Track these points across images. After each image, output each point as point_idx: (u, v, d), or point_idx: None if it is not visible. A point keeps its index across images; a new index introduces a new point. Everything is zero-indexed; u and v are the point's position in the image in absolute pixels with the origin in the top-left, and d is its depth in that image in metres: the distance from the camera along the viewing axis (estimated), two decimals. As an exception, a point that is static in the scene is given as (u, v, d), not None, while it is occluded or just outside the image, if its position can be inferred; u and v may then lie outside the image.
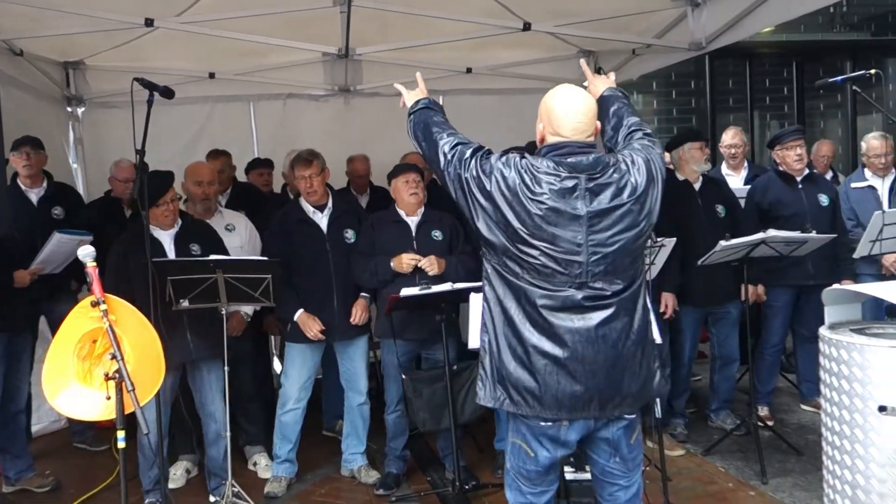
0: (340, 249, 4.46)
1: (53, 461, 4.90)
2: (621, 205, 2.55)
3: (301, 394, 4.54)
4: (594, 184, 2.54)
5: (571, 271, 2.52)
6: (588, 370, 2.54)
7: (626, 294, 2.59)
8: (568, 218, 2.52)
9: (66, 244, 4.40)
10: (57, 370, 2.82)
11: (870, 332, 3.36)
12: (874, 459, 3.18)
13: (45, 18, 4.85)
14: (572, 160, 2.56)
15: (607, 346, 2.55)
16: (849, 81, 4.49)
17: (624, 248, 2.56)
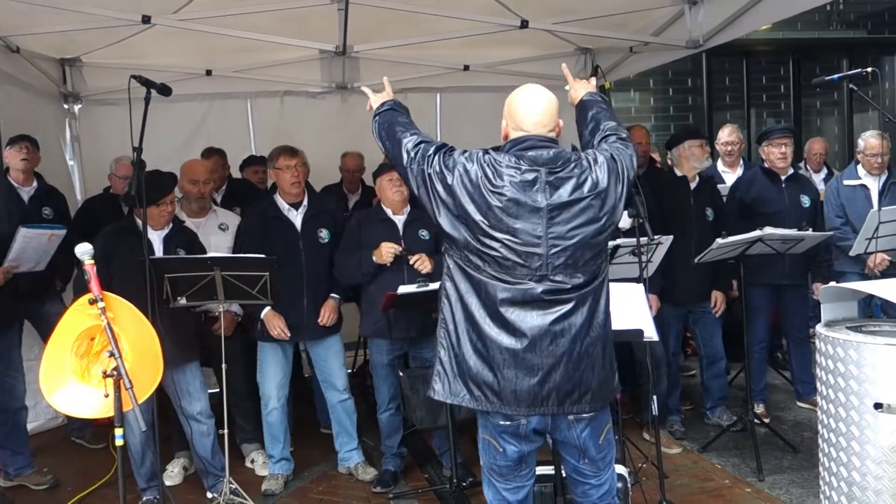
0: (313, 249, 4.44)
1: (51, 458, 4.89)
2: (581, 199, 2.59)
3: (279, 392, 4.53)
4: (554, 177, 2.59)
5: (531, 263, 2.56)
6: (546, 364, 2.57)
7: (587, 289, 2.62)
8: (528, 210, 2.56)
9: (34, 239, 4.34)
10: (55, 368, 2.82)
11: (866, 330, 3.37)
12: (870, 456, 3.19)
13: (42, 15, 4.83)
14: (533, 154, 2.62)
15: (566, 341, 2.59)
16: (845, 79, 4.49)
17: (584, 241, 2.59)
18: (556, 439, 2.78)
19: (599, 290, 2.67)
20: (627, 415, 5.16)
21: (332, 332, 4.58)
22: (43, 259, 4.49)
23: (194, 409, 4.23)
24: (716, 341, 5.13)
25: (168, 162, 5.60)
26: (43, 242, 4.39)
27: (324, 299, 4.48)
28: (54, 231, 4.40)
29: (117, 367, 2.67)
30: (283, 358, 4.55)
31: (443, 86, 7.04)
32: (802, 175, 5.64)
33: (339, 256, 4.42)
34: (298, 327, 4.44)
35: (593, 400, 2.66)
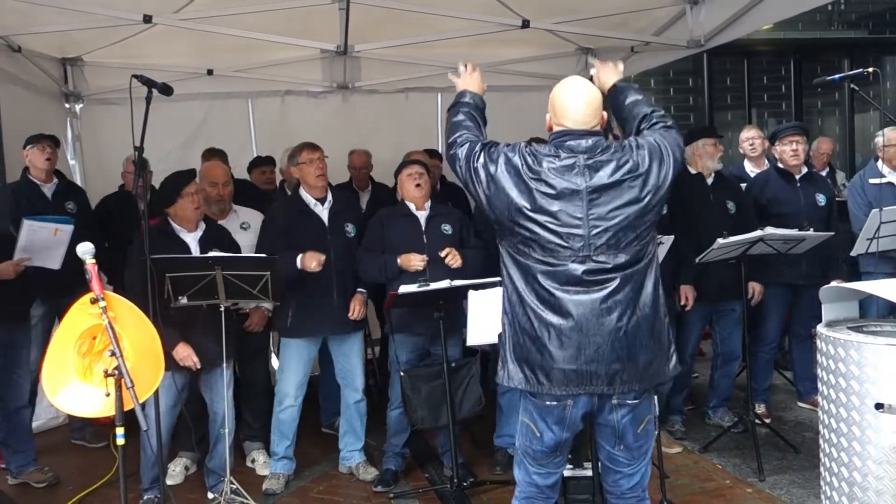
0: (341, 243, 4.45)
1: (52, 457, 4.89)
2: (621, 180, 2.66)
3: (298, 391, 4.53)
4: (593, 161, 2.68)
5: (573, 244, 2.64)
6: (594, 343, 2.64)
7: (632, 269, 2.68)
8: (568, 193, 2.65)
9: (38, 231, 4.30)
10: (57, 367, 2.82)
11: (867, 330, 3.36)
12: (871, 457, 3.18)
13: (44, 15, 4.84)
14: (572, 143, 2.70)
15: (612, 319, 2.64)
16: (847, 79, 4.48)
17: (626, 223, 2.66)
18: (596, 423, 2.82)
19: (645, 270, 2.73)
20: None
21: (357, 328, 4.60)
22: (54, 255, 4.41)
23: (223, 407, 4.21)
24: (734, 340, 5.10)
25: (169, 161, 5.63)
26: (49, 236, 4.34)
27: (352, 294, 4.49)
28: (59, 226, 4.36)
29: (118, 367, 2.67)
30: (307, 356, 4.54)
31: (444, 85, 6.97)
32: (817, 174, 5.60)
33: (362, 255, 4.42)
34: (327, 321, 4.44)
35: (641, 380, 2.71)
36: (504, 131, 6.52)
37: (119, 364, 2.66)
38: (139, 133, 3.59)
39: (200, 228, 4.21)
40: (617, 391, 2.69)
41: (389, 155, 5.81)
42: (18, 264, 4.27)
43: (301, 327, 4.44)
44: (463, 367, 4.32)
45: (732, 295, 4.92)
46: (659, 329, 2.75)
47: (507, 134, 6.26)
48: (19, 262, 4.27)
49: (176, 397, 4.07)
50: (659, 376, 2.80)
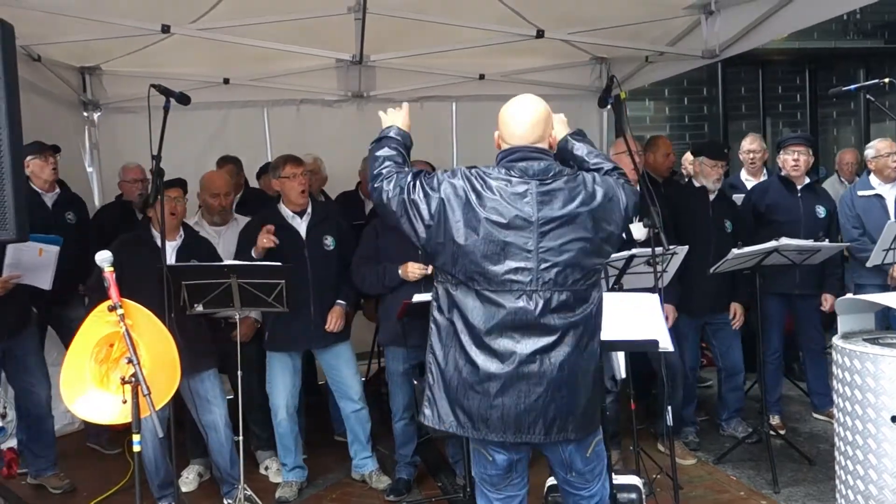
0: (319, 256, 4.44)
1: (68, 463, 4.92)
2: (574, 214, 2.56)
3: (289, 401, 4.52)
4: (546, 188, 2.56)
5: (521, 278, 2.52)
6: (534, 391, 2.54)
7: (578, 312, 2.58)
8: (518, 223, 2.53)
9: (23, 250, 4.21)
10: (74, 374, 2.85)
11: (883, 342, 3.35)
12: (887, 469, 3.17)
13: (63, 24, 4.89)
14: (523, 164, 2.59)
15: (553, 366, 2.55)
16: (862, 90, 4.48)
17: (575, 260, 2.55)
18: (543, 452, 2.80)
19: (591, 317, 2.62)
20: (642, 425, 5.14)
21: (340, 340, 4.58)
22: (42, 276, 4.35)
23: (213, 418, 4.23)
24: (734, 354, 5.10)
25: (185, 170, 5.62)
26: (34, 257, 4.27)
27: (330, 306, 4.49)
28: (43, 246, 4.29)
29: (135, 374, 2.70)
30: (291, 368, 4.54)
31: (458, 94, 7.06)
32: (820, 186, 5.61)
33: (358, 265, 4.41)
34: (306, 336, 4.45)
35: (577, 429, 2.64)
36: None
37: (136, 371, 2.68)
38: (157, 141, 3.62)
39: (179, 238, 4.22)
40: (553, 440, 2.62)
41: (404, 163, 5.82)
42: (7, 281, 4.23)
43: (280, 340, 4.46)
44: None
45: (722, 307, 4.95)
46: (599, 375, 2.70)
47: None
48: (8, 279, 4.23)
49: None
50: (596, 423, 2.75)
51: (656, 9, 5.39)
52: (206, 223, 4.86)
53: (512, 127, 2.68)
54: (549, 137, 2.71)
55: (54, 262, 4.35)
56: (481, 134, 7.00)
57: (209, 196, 4.76)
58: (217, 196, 4.75)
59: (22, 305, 4.48)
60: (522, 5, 5.23)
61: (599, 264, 2.65)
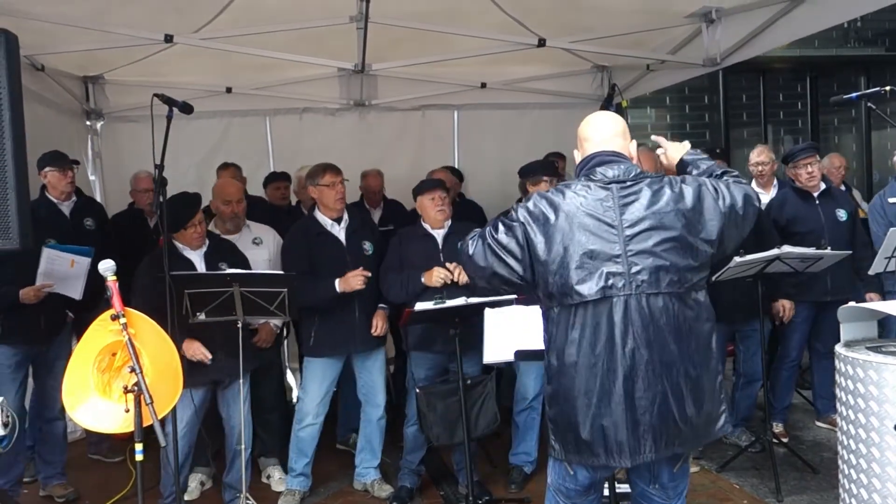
0: (360, 261, 4.46)
1: (70, 472, 4.90)
2: (661, 214, 2.53)
3: (319, 409, 4.54)
4: (626, 192, 2.55)
5: (614, 282, 2.49)
6: (640, 404, 2.49)
7: (680, 313, 2.52)
8: (604, 228, 2.52)
9: (56, 260, 4.30)
10: (77, 383, 2.86)
11: (886, 350, 3.34)
12: (891, 478, 3.16)
13: (67, 34, 4.91)
14: (602, 169, 2.59)
15: (661, 371, 2.50)
16: (863, 98, 4.47)
17: (667, 261, 2.51)
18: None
19: (697, 316, 2.56)
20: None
21: (379, 345, 4.61)
22: (74, 285, 4.40)
23: (239, 422, 4.20)
24: (757, 361, 5.03)
25: (188, 178, 5.70)
26: (66, 267, 4.35)
27: (373, 310, 4.51)
28: (75, 258, 4.34)
29: (138, 383, 2.70)
30: (330, 375, 4.55)
31: (460, 103, 7.09)
32: (836, 189, 5.57)
33: (384, 274, 4.44)
34: (351, 340, 4.46)
35: (690, 440, 2.57)
36: (520, 148, 6.64)
37: (139, 380, 2.68)
38: (159, 150, 3.64)
39: (205, 244, 4.25)
40: (662, 455, 2.55)
41: (406, 172, 5.86)
42: (39, 290, 4.29)
43: (324, 346, 4.46)
44: (479, 384, 4.31)
45: (753, 315, 4.89)
46: (711, 379, 2.59)
47: (524, 150, 6.37)
48: (41, 287, 4.29)
49: (194, 414, 4.10)
50: (711, 434, 2.64)
51: (658, 17, 5.40)
52: (220, 231, 4.87)
53: (591, 135, 2.69)
54: (628, 150, 2.70)
55: (86, 273, 4.39)
56: (483, 142, 7.13)
57: (221, 203, 4.77)
58: (229, 203, 4.77)
59: (55, 312, 4.51)
60: (524, 14, 5.25)
61: (697, 266, 2.57)
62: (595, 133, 2.69)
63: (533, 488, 4.60)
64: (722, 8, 5.17)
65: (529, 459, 4.77)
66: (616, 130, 2.70)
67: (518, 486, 4.65)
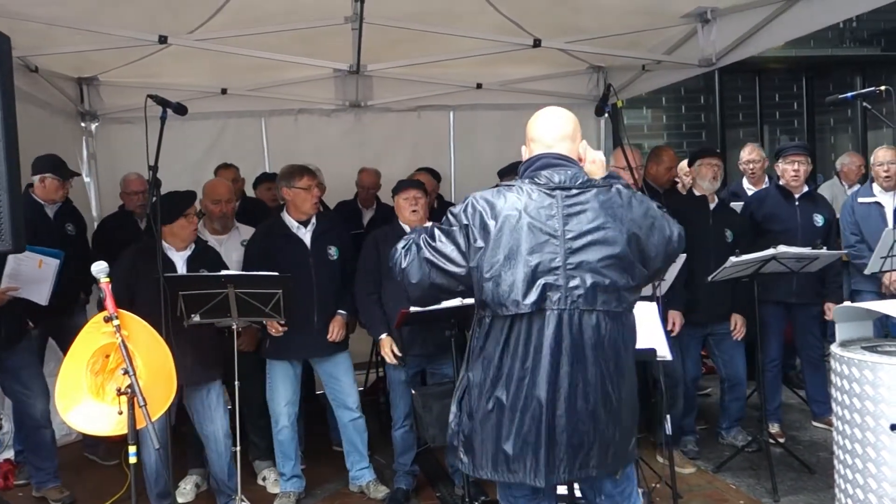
0: (323, 266, 4.46)
1: (65, 474, 4.89)
2: (601, 227, 2.44)
3: (289, 409, 4.53)
4: (572, 201, 2.46)
5: (551, 296, 2.41)
6: (563, 421, 2.45)
7: (609, 328, 2.46)
8: (545, 237, 2.43)
9: (24, 261, 4.19)
10: (70, 386, 2.85)
11: (881, 350, 3.34)
12: (886, 478, 3.16)
13: (61, 35, 4.89)
14: (547, 173, 2.50)
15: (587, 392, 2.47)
16: (859, 98, 4.48)
17: (606, 278, 2.43)
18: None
19: (624, 338, 2.51)
20: (641, 434, 5.13)
21: (340, 349, 4.58)
22: (40, 290, 4.33)
23: (214, 428, 4.22)
24: (737, 364, 5.08)
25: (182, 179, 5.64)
26: (33, 268, 4.26)
27: (332, 316, 4.49)
28: (44, 258, 4.28)
29: (131, 385, 2.69)
30: (292, 376, 4.55)
31: (456, 103, 7.08)
32: (818, 194, 5.61)
33: (363, 284, 4.43)
34: (309, 344, 4.45)
35: (602, 465, 2.52)
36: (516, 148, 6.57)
37: (132, 382, 2.67)
38: (154, 152, 3.63)
39: (189, 248, 4.22)
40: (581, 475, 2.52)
41: (401, 173, 5.84)
42: (4, 293, 4.22)
43: (281, 350, 4.45)
44: (474, 385, 4.30)
45: (723, 317, 4.94)
46: (630, 400, 2.57)
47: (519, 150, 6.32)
48: (6, 290, 4.22)
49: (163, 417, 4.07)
50: (629, 457, 2.61)
51: (653, 18, 5.39)
52: (208, 231, 4.87)
53: (539, 135, 2.59)
54: (577, 153, 2.61)
55: (53, 276, 4.32)
56: (479, 143, 7.11)
57: (210, 202, 4.76)
58: (219, 203, 4.76)
59: (16, 319, 4.45)
60: (519, 15, 5.24)
61: (633, 286, 2.50)
62: (544, 133, 2.59)
63: (529, 489, 4.59)
64: (717, 8, 5.17)
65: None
66: (566, 132, 2.59)
67: (514, 487, 4.64)
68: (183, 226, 4.11)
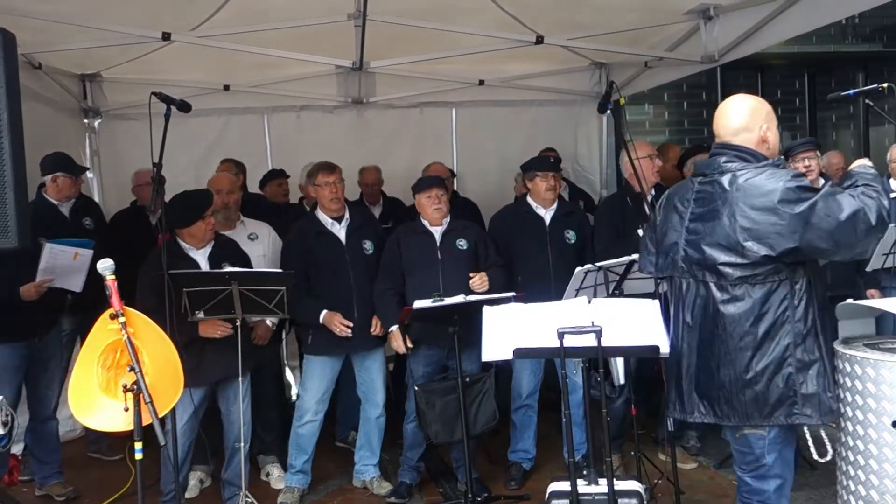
0: (359, 261, 4.48)
1: (69, 470, 4.92)
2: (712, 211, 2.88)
3: (319, 406, 4.55)
4: (700, 187, 2.96)
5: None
6: None
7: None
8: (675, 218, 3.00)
9: (59, 255, 4.34)
10: (82, 384, 2.86)
11: (883, 347, 3.35)
12: (888, 475, 3.16)
13: (64, 32, 4.91)
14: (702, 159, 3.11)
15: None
16: (861, 95, 4.48)
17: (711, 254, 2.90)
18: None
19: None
20: (643, 430, 5.14)
21: (379, 345, 4.62)
22: (76, 278, 4.45)
23: (239, 415, 4.22)
24: None
25: (186, 176, 5.69)
26: (69, 260, 4.39)
27: (372, 310, 4.51)
28: (79, 250, 4.40)
29: (137, 382, 2.70)
30: (329, 372, 4.57)
31: (458, 100, 7.08)
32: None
33: (382, 280, 4.47)
34: (349, 340, 4.46)
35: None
36: (518, 145, 6.64)
37: (138, 379, 2.69)
38: (157, 148, 3.63)
39: (209, 245, 4.24)
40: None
41: (404, 169, 5.85)
42: (40, 286, 4.30)
43: (323, 345, 4.48)
44: (477, 381, 4.32)
45: None
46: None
47: (522, 147, 6.36)
48: (41, 283, 4.31)
49: (193, 414, 4.10)
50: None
51: (655, 14, 5.40)
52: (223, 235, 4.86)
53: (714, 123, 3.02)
54: (751, 133, 2.94)
55: (87, 265, 4.42)
56: (481, 139, 7.12)
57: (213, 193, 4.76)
58: (220, 193, 4.76)
59: (49, 309, 4.51)
60: (522, 11, 5.24)
61: (741, 263, 2.83)
62: (715, 121, 3.04)
63: (532, 485, 4.62)
64: (720, 5, 5.17)
65: (528, 457, 4.78)
66: (731, 115, 3.03)
67: (517, 483, 4.66)
68: (200, 228, 4.14)
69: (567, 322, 2.97)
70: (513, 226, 4.78)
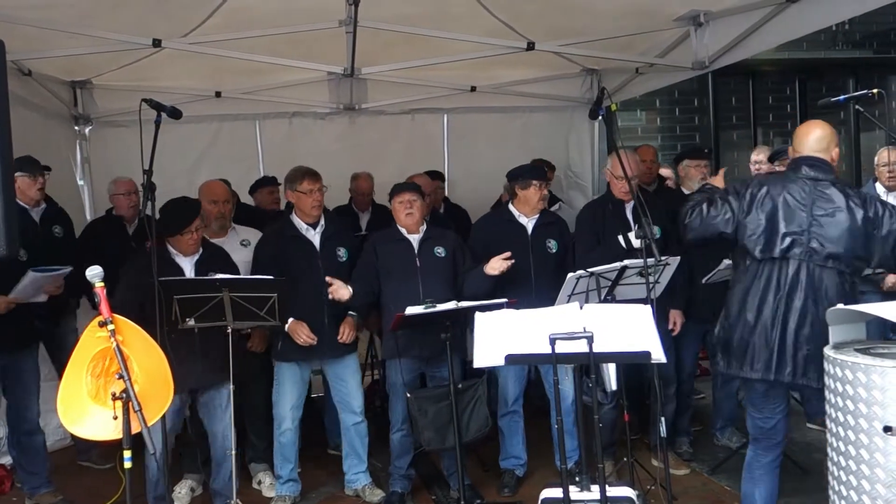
0: (332, 267, 4.46)
1: (59, 478, 4.88)
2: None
3: (294, 413, 4.54)
4: (818, 191, 3.41)
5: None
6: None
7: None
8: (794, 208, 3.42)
9: (41, 280, 4.33)
10: (72, 393, 2.83)
11: (874, 352, 3.35)
12: (880, 480, 3.16)
13: (54, 39, 4.89)
14: (804, 168, 3.43)
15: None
16: (851, 101, 4.49)
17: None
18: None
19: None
20: (636, 436, 5.14)
21: (349, 351, 4.60)
22: (41, 295, 4.46)
23: (222, 427, 4.21)
24: None
25: (177, 183, 5.65)
26: (46, 282, 4.39)
27: (342, 317, 4.49)
28: (55, 274, 4.37)
29: (126, 390, 2.68)
30: (299, 379, 4.55)
31: (450, 106, 7.09)
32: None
33: (354, 282, 4.41)
34: (318, 346, 4.44)
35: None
36: (510, 151, 6.64)
37: (127, 387, 2.67)
38: (147, 155, 3.62)
39: (198, 252, 4.23)
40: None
41: (396, 176, 5.82)
42: (10, 303, 4.28)
43: (292, 352, 4.46)
44: (469, 388, 4.32)
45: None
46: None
47: (514, 153, 6.36)
48: (11, 300, 4.28)
49: (172, 418, 4.07)
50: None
51: (646, 21, 5.41)
52: (206, 234, 4.84)
53: (800, 139, 3.51)
54: (832, 155, 3.49)
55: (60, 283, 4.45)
56: (473, 145, 7.12)
57: (208, 203, 4.75)
58: (216, 203, 4.76)
59: (24, 323, 4.48)
60: (513, 18, 5.25)
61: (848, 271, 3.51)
62: (804, 138, 3.52)
63: (525, 492, 4.61)
64: (710, 11, 5.19)
65: (520, 462, 4.77)
66: (821, 136, 3.55)
67: (511, 490, 4.65)
68: (184, 240, 4.12)
69: (559, 328, 2.96)
70: (494, 234, 4.74)
